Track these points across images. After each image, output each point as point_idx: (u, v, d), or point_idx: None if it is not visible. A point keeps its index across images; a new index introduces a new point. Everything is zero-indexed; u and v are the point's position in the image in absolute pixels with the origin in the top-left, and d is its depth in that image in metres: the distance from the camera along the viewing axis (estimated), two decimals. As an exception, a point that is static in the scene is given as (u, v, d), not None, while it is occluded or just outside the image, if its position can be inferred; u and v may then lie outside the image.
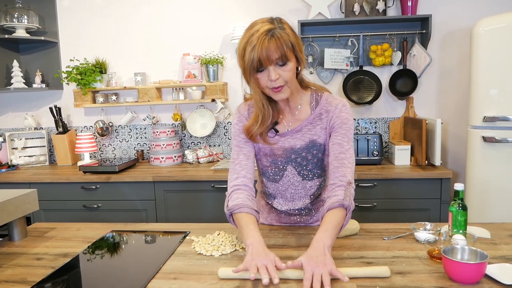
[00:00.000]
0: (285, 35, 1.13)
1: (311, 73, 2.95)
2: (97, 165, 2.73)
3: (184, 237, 1.40)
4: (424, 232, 1.28)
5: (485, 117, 2.27)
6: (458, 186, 1.26)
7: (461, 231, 1.23)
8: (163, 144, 2.94)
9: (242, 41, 1.16)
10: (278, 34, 1.12)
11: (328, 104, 1.29)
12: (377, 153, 2.66)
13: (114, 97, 3.11)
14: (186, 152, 3.00)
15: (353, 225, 1.37)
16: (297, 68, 1.22)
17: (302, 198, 1.39)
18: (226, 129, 3.15)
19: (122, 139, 3.27)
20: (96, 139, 3.24)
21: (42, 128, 3.32)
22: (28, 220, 2.62)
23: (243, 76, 1.21)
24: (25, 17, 3.00)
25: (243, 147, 1.33)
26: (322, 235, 1.09)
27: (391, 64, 2.89)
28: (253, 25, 1.16)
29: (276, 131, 1.31)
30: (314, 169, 1.34)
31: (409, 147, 2.65)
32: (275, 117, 1.30)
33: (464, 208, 1.25)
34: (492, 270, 1.01)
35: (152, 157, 2.97)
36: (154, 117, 3.13)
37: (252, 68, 1.15)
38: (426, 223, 1.34)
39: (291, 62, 1.16)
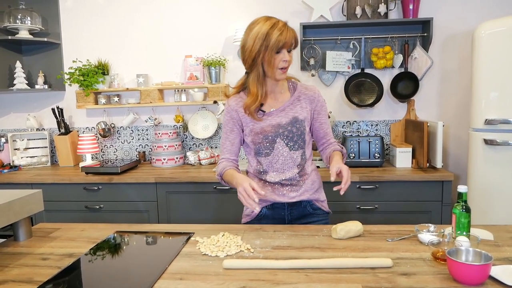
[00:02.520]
0: (294, 30, 1.49)
1: (312, 75, 2.96)
2: (99, 166, 2.74)
3: (189, 238, 1.41)
4: (428, 234, 1.29)
5: (486, 120, 2.28)
6: (461, 188, 1.27)
7: (464, 233, 1.24)
8: (165, 146, 2.95)
9: (263, 27, 1.44)
10: (291, 27, 1.48)
11: (304, 89, 1.63)
12: (378, 156, 2.66)
13: (116, 99, 3.12)
14: (188, 153, 3.00)
15: (357, 227, 1.38)
16: None
17: (290, 169, 1.59)
18: (228, 131, 3.15)
19: (124, 141, 3.27)
20: (98, 140, 3.24)
21: (44, 129, 3.33)
22: (30, 220, 2.62)
23: (254, 57, 1.45)
24: (28, 18, 3.01)
25: (229, 135, 1.63)
26: (340, 161, 1.50)
27: (393, 66, 2.90)
28: (268, 18, 1.47)
29: (263, 111, 1.58)
30: (298, 140, 1.58)
31: (410, 149, 2.66)
32: (261, 101, 1.56)
33: (468, 210, 1.26)
34: (497, 271, 1.02)
35: (154, 159, 2.97)
36: (156, 119, 3.14)
37: (275, 48, 1.43)
38: (430, 225, 1.35)
39: (292, 51, 1.50)
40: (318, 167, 1.71)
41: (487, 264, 0.98)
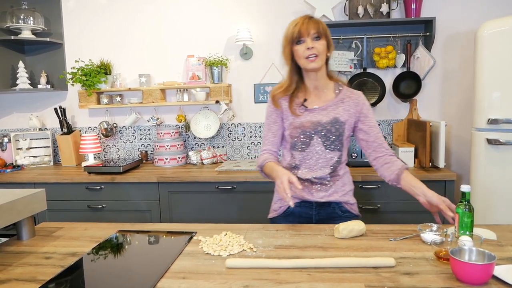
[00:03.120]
0: (321, 20, 1.53)
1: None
2: (101, 165, 2.75)
3: (191, 237, 1.41)
4: (431, 234, 1.29)
5: (489, 119, 2.27)
6: (464, 188, 1.27)
7: (467, 233, 1.24)
8: (167, 145, 2.96)
9: (287, 27, 1.56)
10: (316, 18, 1.54)
11: (350, 93, 1.62)
12: (381, 155, 2.66)
13: (118, 98, 3.12)
14: (190, 153, 3.00)
15: (360, 226, 1.37)
16: (327, 57, 1.56)
17: (323, 168, 1.59)
18: (230, 131, 3.16)
19: (126, 140, 3.28)
20: (100, 140, 3.25)
21: (47, 129, 3.33)
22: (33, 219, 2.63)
23: (284, 57, 1.56)
24: (31, 18, 3.02)
25: (272, 126, 1.65)
26: (425, 187, 1.45)
27: (395, 66, 2.90)
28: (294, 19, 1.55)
29: (305, 107, 1.59)
30: (336, 141, 1.57)
31: (413, 149, 2.66)
32: (304, 96, 1.61)
33: (471, 209, 1.25)
34: (500, 271, 1.02)
35: (156, 158, 2.98)
36: (158, 118, 3.14)
37: (292, 39, 1.50)
38: (433, 224, 1.35)
39: (323, 40, 1.51)
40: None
41: (491, 263, 0.98)
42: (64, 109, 3.17)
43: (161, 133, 2.98)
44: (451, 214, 1.30)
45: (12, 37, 2.96)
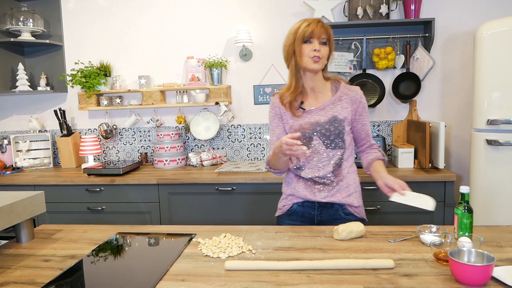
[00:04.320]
0: (329, 27, 1.56)
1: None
2: (101, 167, 2.74)
3: (191, 239, 1.41)
4: (430, 235, 1.28)
5: (488, 120, 2.27)
6: (463, 189, 1.27)
7: (467, 234, 1.24)
8: (167, 147, 2.96)
9: (295, 24, 1.55)
10: (326, 24, 1.55)
11: (347, 90, 1.64)
12: (380, 156, 2.66)
13: (118, 100, 3.12)
14: (190, 154, 3.00)
15: (359, 228, 1.37)
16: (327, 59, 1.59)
17: (325, 166, 1.60)
18: (230, 132, 3.16)
19: (126, 142, 3.28)
20: (100, 141, 3.25)
21: (47, 131, 3.34)
22: (32, 221, 2.63)
23: (288, 50, 1.56)
24: (30, 20, 3.02)
25: (275, 130, 1.68)
26: (386, 173, 1.54)
27: (394, 67, 2.90)
28: (305, 19, 1.56)
29: (303, 109, 1.62)
30: (336, 139, 1.59)
31: (412, 150, 2.65)
32: (301, 98, 1.63)
33: (470, 210, 1.25)
34: (499, 272, 1.02)
35: (156, 160, 2.98)
36: (158, 120, 3.14)
37: (302, 38, 1.51)
38: (432, 225, 1.35)
39: (328, 46, 1.55)
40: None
41: (490, 265, 0.98)
42: (63, 111, 3.17)
43: (161, 134, 2.98)
44: (402, 192, 1.44)
45: (12, 39, 2.96)
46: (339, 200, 1.61)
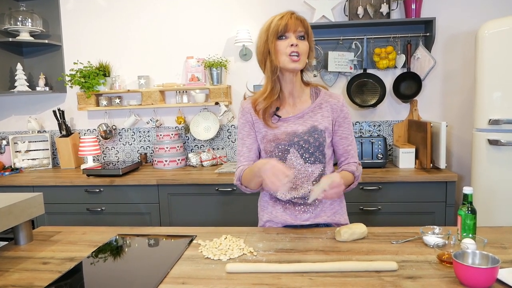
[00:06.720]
0: (305, 20, 1.39)
1: (314, 76, 2.95)
2: (100, 168, 2.73)
3: (191, 241, 1.39)
4: (433, 236, 1.27)
5: (490, 120, 2.26)
6: (467, 190, 1.25)
7: (470, 235, 1.22)
8: (167, 147, 2.94)
9: (268, 20, 1.40)
10: (301, 16, 1.39)
11: (328, 97, 1.47)
12: (381, 156, 2.65)
13: (117, 100, 3.11)
14: (190, 155, 2.99)
15: (361, 229, 1.36)
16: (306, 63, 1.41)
17: (304, 184, 1.43)
18: (230, 132, 3.14)
19: (126, 142, 3.26)
20: (99, 142, 3.24)
21: (46, 131, 3.32)
22: (31, 223, 2.61)
23: (263, 51, 1.40)
24: (29, 20, 3.01)
25: (246, 140, 1.49)
26: (337, 176, 1.26)
27: (395, 67, 2.88)
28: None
29: (278, 116, 1.44)
30: (316, 152, 1.42)
31: (413, 150, 2.64)
32: (277, 104, 1.44)
33: (473, 211, 1.24)
34: (504, 274, 1.00)
35: (155, 160, 2.96)
36: (157, 120, 3.13)
37: (275, 33, 1.35)
38: (435, 227, 1.33)
39: (307, 41, 1.37)
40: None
41: (495, 267, 0.96)
42: (62, 111, 3.15)
43: (161, 135, 2.97)
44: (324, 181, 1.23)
45: (10, 39, 2.95)
46: (325, 220, 1.47)
